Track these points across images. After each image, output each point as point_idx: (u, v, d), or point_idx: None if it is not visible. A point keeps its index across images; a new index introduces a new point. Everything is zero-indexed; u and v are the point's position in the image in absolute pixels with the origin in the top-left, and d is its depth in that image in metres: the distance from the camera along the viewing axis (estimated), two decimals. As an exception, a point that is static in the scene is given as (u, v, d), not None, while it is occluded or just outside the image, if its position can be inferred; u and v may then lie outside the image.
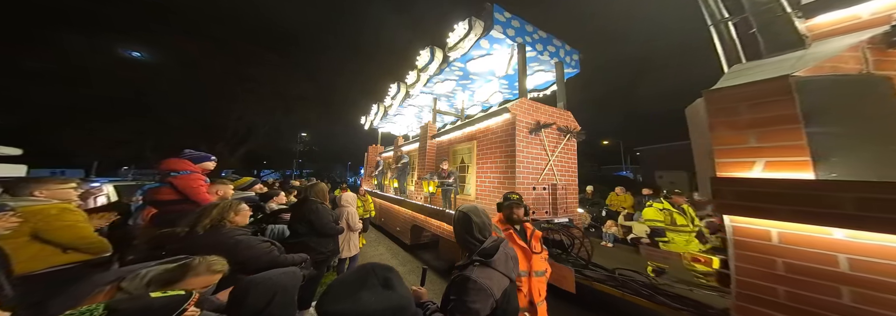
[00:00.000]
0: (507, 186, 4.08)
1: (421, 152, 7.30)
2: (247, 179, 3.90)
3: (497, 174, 4.40)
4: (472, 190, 5.19)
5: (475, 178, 5.16)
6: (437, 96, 7.57)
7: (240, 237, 1.90)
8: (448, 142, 6.53)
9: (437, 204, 6.52)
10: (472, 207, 1.69)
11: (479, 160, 5.10)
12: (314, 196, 3.16)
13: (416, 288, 1.57)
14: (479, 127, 5.22)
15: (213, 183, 2.77)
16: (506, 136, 4.24)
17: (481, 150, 5.03)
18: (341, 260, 4.24)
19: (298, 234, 2.94)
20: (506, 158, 4.19)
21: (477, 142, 5.25)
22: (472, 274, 1.34)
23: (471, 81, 6.52)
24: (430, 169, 6.95)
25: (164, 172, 2.48)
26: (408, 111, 8.76)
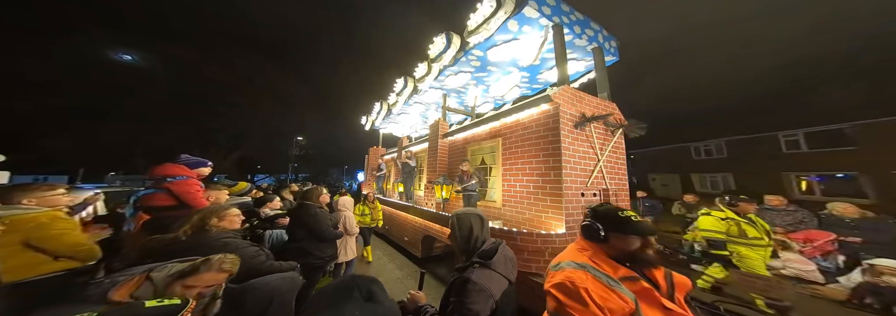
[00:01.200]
0: (550, 191, 3.35)
1: (431, 153, 6.55)
2: (243, 184, 3.71)
3: (533, 177, 3.67)
4: (498, 196, 4.45)
5: (501, 181, 4.42)
6: (448, 92, 6.85)
7: (226, 240, 1.85)
8: (463, 141, 5.79)
9: (451, 211, 5.75)
10: (469, 209, 1.68)
11: (505, 161, 4.37)
12: (311, 200, 3.08)
13: (415, 292, 1.57)
14: (505, 121, 4.49)
15: (207, 188, 2.70)
16: (546, 130, 3.52)
17: (509, 149, 4.30)
18: (337, 265, 4.08)
19: (296, 238, 2.87)
20: (546, 158, 3.46)
21: (502, 139, 4.52)
22: (472, 275, 1.34)
23: (487, 74, 5.82)
24: (441, 172, 6.20)
25: (158, 178, 2.39)
26: (413, 109, 8.02)
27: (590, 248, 1.21)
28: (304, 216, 2.91)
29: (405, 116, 8.51)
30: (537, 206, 3.56)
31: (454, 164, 6.08)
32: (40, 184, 2.06)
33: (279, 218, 3.29)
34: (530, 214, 3.70)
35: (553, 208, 3.30)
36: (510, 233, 3.28)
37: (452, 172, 6.11)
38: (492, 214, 4.61)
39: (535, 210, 3.60)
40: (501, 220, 4.04)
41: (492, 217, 4.56)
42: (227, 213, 2.03)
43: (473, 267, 1.40)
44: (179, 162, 2.57)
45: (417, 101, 7.60)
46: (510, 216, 4.10)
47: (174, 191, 2.37)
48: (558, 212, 3.22)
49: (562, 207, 3.16)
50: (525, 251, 3.14)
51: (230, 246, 1.84)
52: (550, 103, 3.49)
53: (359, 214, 6.20)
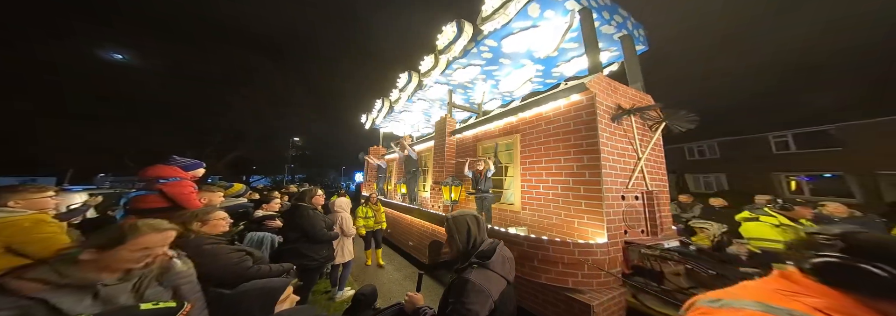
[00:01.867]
0: (585, 193, 2.86)
1: (437, 152, 6.04)
2: (239, 186, 3.54)
3: (561, 177, 3.19)
4: (516, 198, 3.96)
5: (519, 182, 3.93)
6: (454, 88, 6.35)
7: (204, 247, 1.73)
8: (473, 138, 5.29)
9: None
10: (464, 210, 1.66)
11: (524, 159, 3.88)
12: (306, 202, 2.96)
13: (413, 294, 1.54)
14: (524, 116, 4.00)
15: (201, 190, 2.58)
16: (578, 124, 3.03)
17: (529, 146, 3.81)
18: (334, 266, 3.93)
19: (290, 240, 2.77)
20: (579, 155, 2.98)
21: (521, 135, 4.03)
22: (471, 276, 1.32)
23: (498, 67, 5.33)
24: (449, 172, 5.69)
25: (150, 179, 2.27)
26: (417, 106, 7.50)
27: (821, 294, 0.70)
28: (298, 218, 2.79)
29: (408, 114, 7.99)
30: (567, 210, 3.07)
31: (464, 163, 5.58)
32: (29, 185, 1.94)
33: (267, 220, 3.07)
34: (558, 220, 3.21)
35: (590, 213, 2.82)
36: (539, 242, 2.79)
37: (461, 172, 5.61)
38: (508, 218, 4.11)
39: (564, 215, 3.12)
40: (525, 226, 3.53)
41: (510, 222, 4.06)
42: (212, 217, 1.89)
43: (472, 268, 1.38)
44: (172, 163, 2.46)
45: (421, 98, 7.09)
46: (532, 221, 3.61)
47: (167, 192, 2.25)
48: (597, 217, 2.73)
49: (602, 211, 2.67)
50: (560, 263, 2.64)
51: (207, 254, 1.69)
52: (584, 93, 3.01)
53: (362, 217, 5.67)
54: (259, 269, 1.89)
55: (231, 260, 1.77)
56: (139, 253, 1.17)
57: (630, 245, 2.61)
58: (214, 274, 1.67)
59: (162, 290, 1.31)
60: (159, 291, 1.29)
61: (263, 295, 1.48)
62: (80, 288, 1.04)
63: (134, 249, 1.16)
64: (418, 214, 5.78)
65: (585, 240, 2.67)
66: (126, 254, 1.14)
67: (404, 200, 7.21)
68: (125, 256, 1.14)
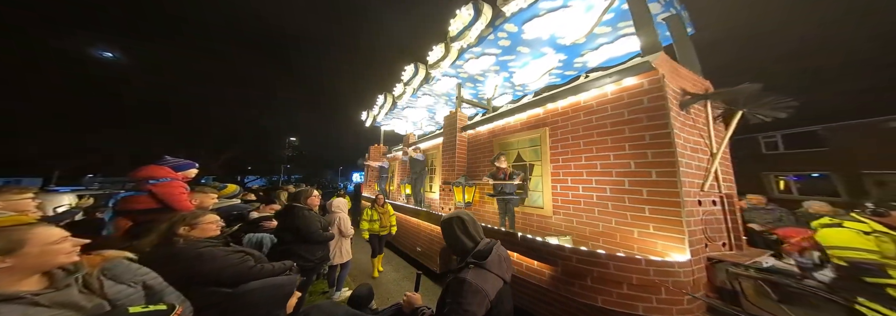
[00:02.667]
0: (650, 198, 2.26)
1: (447, 149, 5.41)
2: (233, 187, 3.36)
3: (611, 177, 2.59)
4: (545, 200, 3.35)
5: (549, 183, 3.33)
6: (463, 81, 5.73)
7: (202, 250, 1.62)
8: (489, 134, 4.68)
9: (476, 217, 4.63)
10: (458, 211, 1.59)
11: (556, 156, 3.28)
12: (301, 202, 2.85)
13: (411, 294, 1.50)
14: (555, 106, 3.40)
15: (193, 191, 2.43)
16: (639, 112, 2.42)
17: (562, 141, 3.21)
18: (332, 267, 3.81)
19: (284, 241, 2.64)
20: (640, 151, 2.38)
21: (550, 129, 3.43)
22: (467, 276, 1.28)
23: (515, 57, 4.74)
24: (460, 171, 5.07)
25: (141, 180, 2.12)
26: (421, 102, 6.86)
27: None
28: (293, 219, 2.68)
29: (411, 111, 7.35)
30: (621, 216, 2.48)
31: (476, 161, 4.97)
32: (12, 186, 1.92)
33: (263, 221, 2.93)
34: (606, 227, 2.62)
35: (660, 222, 2.21)
36: (595, 257, 2.19)
37: (473, 170, 4.99)
38: (535, 223, 3.50)
39: (616, 222, 2.52)
40: (567, 235, 2.91)
41: (537, 228, 3.46)
42: (200, 220, 1.78)
43: (468, 268, 1.34)
44: (163, 163, 2.32)
45: (426, 93, 6.45)
46: (568, 228, 3.01)
47: (157, 193, 2.13)
48: (673, 227, 2.12)
49: (682, 220, 2.07)
50: (625, 284, 2.04)
51: (206, 256, 1.61)
52: (644, 75, 2.42)
53: (367, 220, 5.02)
54: (262, 268, 1.80)
55: (232, 261, 1.69)
56: (66, 243, 1.04)
57: (715, 262, 2.03)
58: (218, 275, 1.59)
59: (125, 287, 1.17)
60: (124, 290, 1.15)
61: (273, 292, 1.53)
62: (6, 301, 0.87)
63: (50, 241, 1.00)
64: (427, 216, 5.14)
65: (660, 256, 2.07)
66: (47, 248, 0.99)
67: (409, 201, 6.56)
68: (48, 249, 0.99)
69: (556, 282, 2.52)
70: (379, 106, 7.65)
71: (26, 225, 1.02)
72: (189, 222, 1.75)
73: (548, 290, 2.61)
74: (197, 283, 1.48)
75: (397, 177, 7.74)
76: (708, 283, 2.01)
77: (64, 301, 0.95)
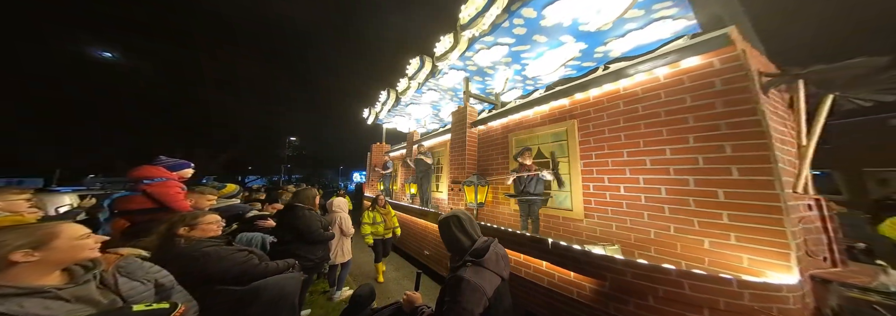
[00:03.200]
0: (729, 200, 1.79)
1: (455, 147, 4.92)
2: (232, 186, 3.19)
3: (668, 176, 2.12)
4: (575, 202, 2.87)
5: (579, 182, 2.85)
6: (472, 74, 5.23)
7: (207, 249, 1.58)
8: (504, 129, 4.20)
9: (488, 219, 4.14)
10: (454, 211, 1.56)
11: (588, 151, 2.80)
12: (302, 202, 2.70)
13: (411, 293, 1.46)
14: (585, 96, 2.92)
15: (191, 191, 2.35)
16: (709, 96, 1.94)
17: (595, 134, 2.73)
18: (332, 266, 3.68)
19: (284, 241, 2.51)
20: (713, 142, 1.90)
21: (579, 122, 2.95)
22: (465, 274, 1.24)
23: (530, 47, 4.24)
24: (471, 169, 4.58)
25: (135, 180, 2.05)
26: (426, 98, 6.35)
27: None
28: (293, 218, 2.59)
29: (415, 108, 6.84)
30: (686, 223, 2.00)
31: (488, 159, 4.48)
32: (11, 187, 1.88)
33: (259, 220, 2.81)
34: (661, 235, 2.14)
35: (745, 231, 1.73)
36: (662, 272, 1.71)
37: (485, 169, 4.51)
38: (562, 227, 3.02)
39: (676, 229, 2.04)
40: (614, 244, 2.41)
41: (565, 233, 2.97)
42: (200, 221, 1.69)
43: (466, 266, 1.30)
44: (157, 163, 2.25)
45: (432, 88, 5.94)
46: (604, 234, 2.53)
47: (152, 193, 2.03)
48: (773, 239, 1.63)
49: (785, 231, 1.58)
50: (705, 308, 1.56)
51: (212, 256, 1.54)
52: (713, 54, 1.94)
53: (369, 223, 4.53)
54: (267, 266, 1.76)
55: (238, 259, 1.65)
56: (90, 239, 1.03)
57: (822, 283, 1.55)
58: (224, 273, 1.54)
59: (138, 284, 1.16)
60: (137, 287, 1.15)
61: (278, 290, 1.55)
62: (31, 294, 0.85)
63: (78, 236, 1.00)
64: (435, 218, 4.64)
65: (753, 275, 1.58)
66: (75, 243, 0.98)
67: (414, 201, 6.06)
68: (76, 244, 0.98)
69: (603, 298, 2.04)
70: (381, 103, 7.13)
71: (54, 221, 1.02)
72: (188, 223, 1.67)
73: (589, 306, 2.13)
74: (203, 281, 1.44)
75: (401, 176, 7.24)
76: (815, 311, 1.53)
77: (83, 296, 0.94)
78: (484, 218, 4.34)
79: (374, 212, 4.68)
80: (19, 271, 0.87)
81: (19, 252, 0.87)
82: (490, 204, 4.29)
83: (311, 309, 3.30)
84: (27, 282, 0.87)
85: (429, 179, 5.65)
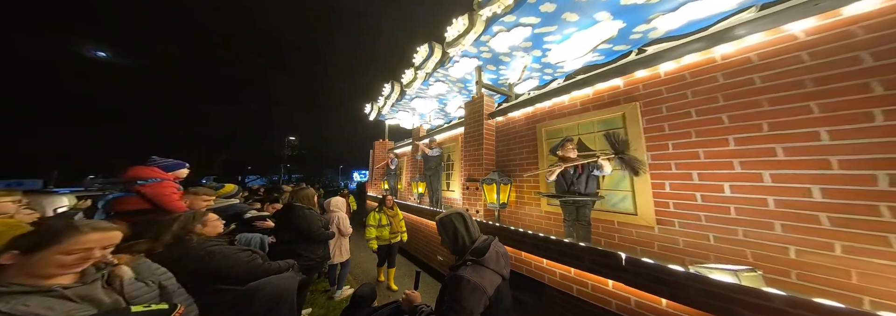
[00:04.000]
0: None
1: (470, 141, 4.12)
2: (230, 186, 2.89)
3: (829, 172, 1.39)
4: (644, 204, 2.12)
5: (647, 179, 2.10)
6: (485, 63, 4.44)
7: (212, 248, 1.49)
8: (529, 119, 3.43)
9: (511, 222, 3.35)
10: (451, 210, 1.42)
11: (660, 141, 2.05)
12: (300, 201, 2.51)
13: (410, 292, 1.35)
14: (650, 72, 2.17)
15: (186, 192, 2.17)
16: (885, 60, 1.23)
17: (672, 118, 1.98)
18: (332, 266, 3.42)
19: (284, 240, 2.35)
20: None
21: (642, 104, 2.20)
22: (465, 273, 1.14)
23: (556, 28, 3.47)
24: (489, 166, 3.80)
25: (129, 181, 1.89)
26: (433, 90, 5.52)
27: None
28: (293, 218, 2.37)
29: (420, 102, 6.01)
30: (862, 240, 1.27)
31: (509, 153, 3.70)
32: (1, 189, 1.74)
33: (258, 220, 2.58)
34: (806, 255, 1.40)
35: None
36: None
37: (506, 165, 3.73)
38: (614, 234, 2.27)
39: (844, 248, 1.30)
40: (754, 270, 1.64)
41: (627, 244, 2.21)
42: (209, 218, 1.62)
43: (466, 265, 1.20)
44: (152, 164, 2.06)
45: (440, 79, 5.13)
46: (693, 248, 1.78)
47: (146, 194, 1.90)
48: None
49: None
50: None
51: (217, 254, 1.46)
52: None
53: (375, 225, 3.73)
54: (269, 266, 1.64)
55: (243, 258, 1.55)
56: (76, 255, 0.89)
57: None
58: (228, 272, 1.46)
59: (143, 285, 1.06)
60: (141, 288, 1.05)
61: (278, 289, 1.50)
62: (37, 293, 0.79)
63: (70, 251, 0.88)
64: None
65: None
66: (58, 257, 0.86)
67: (422, 201, 5.25)
68: (57, 259, 0.86)
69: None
70: (384, 96, 6.28)
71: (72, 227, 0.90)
72: (201, 220, 1.59)
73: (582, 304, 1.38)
74: (207, 280, 1.36)
75: (406, 174, 6.41)
76: None
77: (87, 295, 0.88)
78: (507, 220, 3.57)
79: (380, 213, 3.87)
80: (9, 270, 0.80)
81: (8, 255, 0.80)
82: (513, 205, 3.53)
83: (312, 308, 3.09)
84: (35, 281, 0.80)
85: (439, 176, 4.85)
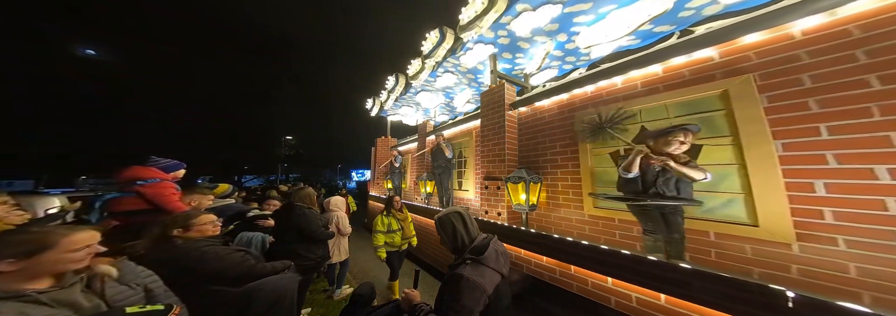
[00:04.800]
0: None
1: (489, 134, 3.37)
2: (225, 186, 2.69)
3: None
4: (770, 214, 1.42)
5: (778, 175, 1.39)
6: (501, 49, 3.69)
7: (205, 249, 1.37)
8: (562, 107, 2.71)
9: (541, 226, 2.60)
10: (450, 209, 1.33)
11: (799, 124, 1.35)
12: (300, 201, 2.31)
13: (410, 290, 1.26)
14: (767, 35, 1.46)
15: (187, 192, 2.04)
16: None
17: (817, 93, 1.28)
18: (331, 265, 3.15)
19: (284, 240, 2.17)
20: None
21: (761, 77, 1.49)
22: (465, 272, 1.07)
23: (592, 5, 2.75)
24: (512, 162, 3.06)
25: (127, 181, 1.75)
26: (441, 82, 4.71)
27: None
28: (293, 218, 2.19)
29: (425, 96, 5.21)
30: None
31: (535, 148, 2.97)
32: None
33: (258, 219, 2.37)
34: None
35: None
36: None
37: (532, 160, 3.00)
38: (725, 249, 1.56)
39: None
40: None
41: (739, 263, 1.49)
42: (194, 222, 1.46)
43: (465, 264, 1.12)
44: (151, 164, 1.91)
45: (449, 70, 4.35)
46: (868, 276, 1.09)
47: (146, 194, 1.75)
48: None
49: None
50: None
51: (210, 255, 1.35)
52: None
53: (383, 230, 2.97)
54: (263, 267, 1.53)
55: (234, 259, 1.42)
56: (82, 252, 0.87)
57: None
58: (221, 274, 1.34)
59: (126, 288, 0.97)
60: (125, 291, 0.96)
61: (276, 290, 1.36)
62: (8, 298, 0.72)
63: (71, 249, 0.85)
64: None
65: None
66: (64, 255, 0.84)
67: (430, 201, 4.46)
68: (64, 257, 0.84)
69: None
70: (387, 90, 5.44)
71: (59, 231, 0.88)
72: (181, 224, 1.43)
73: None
74: (200, 281, 1.27)
75: (411, 172, 5.60)
76: None
77: (64, 300, 0.81)
78: (537, 225, 2.83)
79: (389, 217, 3.08)
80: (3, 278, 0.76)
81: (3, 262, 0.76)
82: (544, 206, 2.79)
83: (312, 307, 2.87)
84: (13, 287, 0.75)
85: (450, 174, 4.07)
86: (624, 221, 2.08)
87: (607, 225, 2.23)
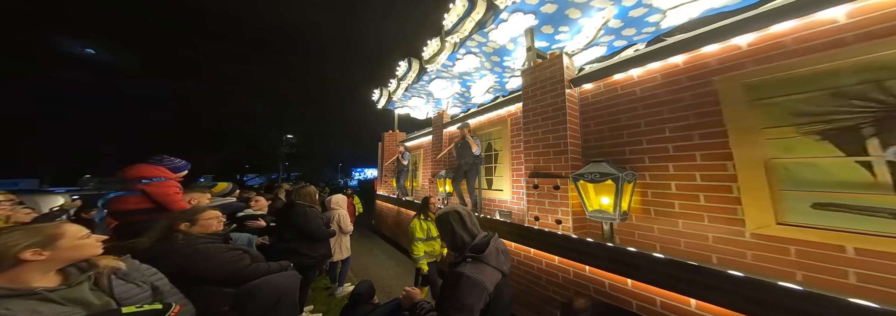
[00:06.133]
0: None
1: (538, 119, 2.27)
2: (224, 184, 2.41)
3: None
4: None
5: None
6: (542, 22, 2.60)
7: (198, 247, 1.18)
8: (661, 77, 1.63)
9: (635, 243, 1.53)
10: (450, 206, 1.16)
11: None
12: (300, 199, 2.08)
13: (411, 288, 1.12)
14: None
15: (186, 191, 1.74)
16: None
17: None
18: (333, 263, 2.87)
19: (285, 239, 1.96)
20: None
21: None
22: (465, 270, 0.94)
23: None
24: (575, 155, 1.95)
25: (132, 179, 1.53)
26: (459, 67, 3.57)
27: None
28: (294, 216, 1.97)
29: (440, 84, 4.09)
30: None
31: (612, 135, 1.89)
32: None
33: (249, 220, 2.11)
34: None
35: None
36: None
37: (609, 151, 1.92)
38: None
39: None
40: None
41: None
42: (200, 216, 1.28)
43: (466, 262, 1.00)
44: (162, 163, 1.68)
45: (472, 51, 3.25)
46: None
47: (151, 193, 1.52)
48: None
49: None
50: None
51: (201, 253, 1.16)
52: None
53: (424, 238, 2.04)
54: (257, 267, 1.29)
55: (226, 258, 1.20)
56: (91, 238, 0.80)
57: None
58: (212, 273, 1.14)
59: (134, 286, 0.87)
60: (132, 289, 0.86)
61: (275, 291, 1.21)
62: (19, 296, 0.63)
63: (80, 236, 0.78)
64: (508, 230, 2.02)
65: None
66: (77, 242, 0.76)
67: (448, 201, 3.34)
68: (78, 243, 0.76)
69: None
70: (398, 77, 4.27)
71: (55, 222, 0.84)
72: (188, 218, 1.27)
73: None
74: (192, 280, 1.07)
75: (423, 170, 4.45)
76: None
77: (74, 298, 0.72)
78: (628, 239, 1.76)
79: (427, 221, 2.10)
80: (25, 270, 0.68)
81: (29, 251, 0.68)
82: (638, 214, 1.73)
83: (314, 305, 2.51)
84: (30, 281, 0.68)
85: (477, 171, 2.95)
86: (868, 253, 1.03)
87: (808, 255, 1.17)
